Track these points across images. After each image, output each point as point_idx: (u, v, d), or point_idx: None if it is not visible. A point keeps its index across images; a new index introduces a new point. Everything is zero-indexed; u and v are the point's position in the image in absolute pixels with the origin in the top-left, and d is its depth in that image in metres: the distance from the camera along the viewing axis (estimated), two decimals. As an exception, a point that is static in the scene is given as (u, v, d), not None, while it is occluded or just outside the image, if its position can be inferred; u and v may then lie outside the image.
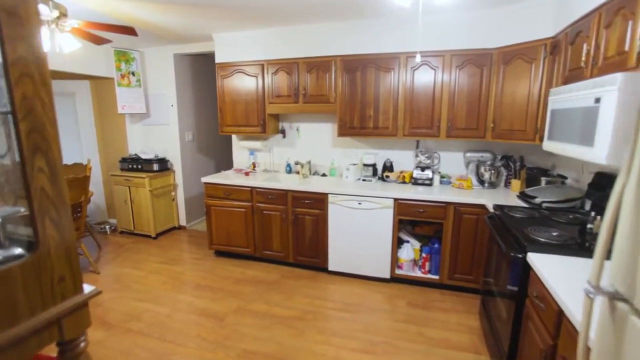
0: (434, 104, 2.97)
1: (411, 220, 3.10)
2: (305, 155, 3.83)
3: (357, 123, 3.20)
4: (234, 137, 4.12)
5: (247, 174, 3.72)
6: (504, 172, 3.13)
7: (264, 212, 3.38)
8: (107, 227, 4.56)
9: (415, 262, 3.08)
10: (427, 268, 3.01)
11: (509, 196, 2.79)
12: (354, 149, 3.62)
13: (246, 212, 3.44)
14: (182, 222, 4.68)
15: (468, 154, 3.17)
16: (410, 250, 3.03)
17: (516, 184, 2.94)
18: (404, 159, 3.47)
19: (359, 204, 3.00)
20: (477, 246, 2.77)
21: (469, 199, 2.74)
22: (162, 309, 2.73)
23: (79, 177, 2.99)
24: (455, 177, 3.17)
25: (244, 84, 3.53)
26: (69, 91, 4.47)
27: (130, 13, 2.90)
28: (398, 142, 3.45)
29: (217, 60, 3.62)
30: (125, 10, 2.84)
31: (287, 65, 3.33)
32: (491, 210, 2.47)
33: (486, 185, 3.07)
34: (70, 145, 4.63)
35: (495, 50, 2.74)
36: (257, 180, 3.42)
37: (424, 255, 3.00)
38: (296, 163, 3.61)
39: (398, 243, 3.05)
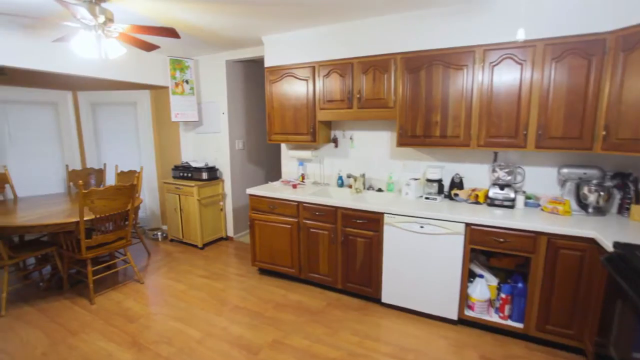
0: (519, 107, 2.39)
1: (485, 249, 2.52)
2: (359, 167, 3.43)
3: (420, 131, 2.73)
4: (282, 146, 3.87)
5: (294, 186, 3.43)
6: (616, 194, 2.41)
7: (311, 229, 3.03)
8: (159, 233, 4.58)
9: (491, 302, 2.48)
10: (506, 312, 2.40)
11: (628, 228, 2.09)
12: (415, 161, 3.13)
13: (291, 228, 3.13)
14: (230, 232, 4.54)
15: (565, 170, 2.50)
16: (484, 287, 2.44)
17: (638, 210, 2.21)
18: (477, 175, 2.89)
19: (421, 227, 2.50)
20: (582, 292, 2.11)
21: (570, 229, 2.10)
22: (194, 333, 2.50)
23: (126, 185, 2.93)
24: (546, 199, 2.52)
25: (294, 88, 3.26)
26: (131, 100, 4.63)
27: (180, 17, 2.79)
28: (470, 154, 2.89)
29: (266, 64, 3.41)
30: (175, 15, 2.73)
31: (340, 67, 2.98)
32: (609, 247, 1.82)
33: (591, 210, 2.38)
34: (130, 153, 4.79)
35: (610, 34, 2.09)
36: (305, 194, 3.09)
37: (502, 295, 2.39)
38: (348, 176, 3.22)
39: (469, 277, 2.49)
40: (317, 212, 2.97)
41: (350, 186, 3.38)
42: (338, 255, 2.94)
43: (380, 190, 3.25)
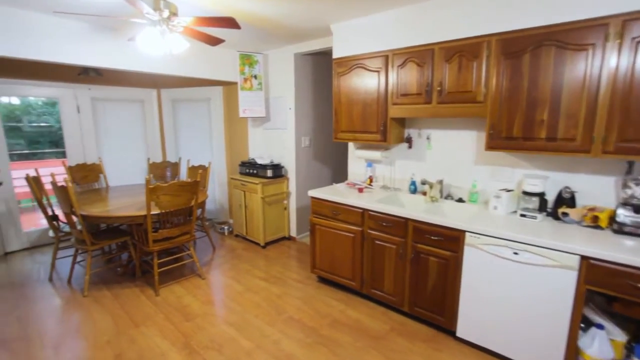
0: (675, 101, 1.71)
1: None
2: (436, 172, 2.95)
3: (518, 132, 2.17)
4: (350, 145, 3.56)
5: (360, 190, 3.10)
6: None
7: (376, 241, 2.69)
8: (226, 228, 4.67)
9: (613, 363, 1.86)
10: (638, 380, 1.77)
11: None
12: (508, 167, 2.55)
13: (355, 238, 2.82)
14: (293, 232, 4.41)
15: None
16: (605, 342, 1.83)
17: None
18: (597, 190, 2.22)
19: (515, 253, 1.98)
20: None
21: None
22: (245, 343, 2.36)
23: (189, 182, 2.94)
24: None
25: (363, 81, 2.92)
26: (205, 97, 4.77)
27: (245, 8, 2.65)
28: (588, 163, 2.23)
29: (334, 55, 3.12)
30: (240, 6, 2.60)
31: (418, 54, 2.55)
32: None
33: None
34: (203, 148, 4.96)
35: None
36: (372, 200, 2.75)
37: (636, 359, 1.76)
38: (423, 182, 2.79)
39: (582, 325, 1.90)
40: (384, 222, 2.61)
41: (424, 193, 2.94)
42: (406, 273, 2.54)
43: (460, 200, 2.74)
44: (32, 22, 2.76)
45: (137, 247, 3.25)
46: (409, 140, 3.07)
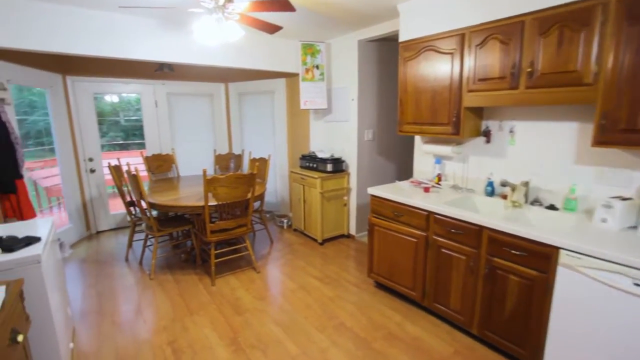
0: None
1: None
2: (520, 171, 2.47)
3: (644, 122, 1.65)
4: (417, 139, 3.20)
5: (427, 189, 2.75)
6: None
7: (443, 249, 2.34)
8: (285, 221, 4.64)
9: None
10: None
11: None
12: (625, 169, 1.99)
13: (417, 243, 2.50)
14: (352, 230, 4.19)
15: None
16: None
17: None
18: None
19: (636, 284, 1.50)
20: None
21: None
22: (291, 347, 2.23)
23: (245, 174, 2.90)
24: None
25: (434, 66, 2.55)
26: (270, 89, 4.77)
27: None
28: None
29: (401, 39, 2.80)
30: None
31: (502, 30, 2.11)
32: None
33: None
34: (266, 140, 4.99)
35: None
36: (439, 202, 2.41)
37: None
38: (504, 184, 2.34)
39: None
40: (453, 228, 2.25)
41: (504, 197, 2.48)
42: (477, 290, 2.16)
43: (552, 207, 2.23)
44: (108, 22, 2.95)
45: (198, 236, 3.35)
46: (486, 134, 2.62)
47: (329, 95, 4.09)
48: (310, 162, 4.10)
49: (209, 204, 2.89)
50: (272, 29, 2.58)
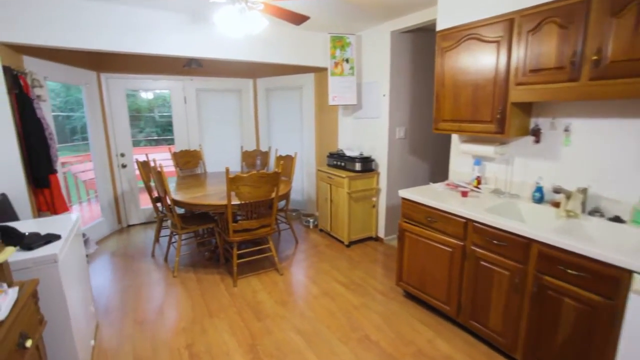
0: None
1: None
2: (577, 176, 2.16)
3: None
4: (454, 137, 2.94)
5: (464, 193, 2.50)
6: None
7: (482, 262, 2.09)
8: (311, 220, 4.50)
9: None
10: None
11: None
12: None
13: (453, 253, 2.27)
14: (380, 233, 3.98)
15: None
16: None
17: None
18: None
19: None
20: None
21: None
22: (311, 359, 2.09)
23: (269, 173, 2.78)
24: None
25: (475, 57, 2.29)
26: (298, 85, 4.63)
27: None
28: None
29: (438, 27, 2.54)
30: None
31: (561, 11, 1.82)
32: None
33: None
34: (294, 137, 4.87)
35: None
36: (479, 208, 2.16)
37: None
38: (556, 190, 2.05)
39: None
40: (495, 239, 2.00)
41: (556, 205, 2.17)
42: (523, 311, 1.90)
43: (618, 219, 1.92)
44: (134, 17, 2.92)
45: (221, 235, 3.29)
46: (536, 133, 2.32)
47: (359, 91, 3.89)
48: (338, 160, 3.92)
49: (232, 203, 2.81)
50: (299, 19, 2.42)
